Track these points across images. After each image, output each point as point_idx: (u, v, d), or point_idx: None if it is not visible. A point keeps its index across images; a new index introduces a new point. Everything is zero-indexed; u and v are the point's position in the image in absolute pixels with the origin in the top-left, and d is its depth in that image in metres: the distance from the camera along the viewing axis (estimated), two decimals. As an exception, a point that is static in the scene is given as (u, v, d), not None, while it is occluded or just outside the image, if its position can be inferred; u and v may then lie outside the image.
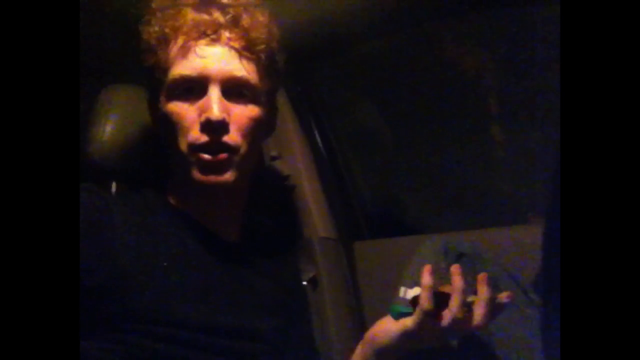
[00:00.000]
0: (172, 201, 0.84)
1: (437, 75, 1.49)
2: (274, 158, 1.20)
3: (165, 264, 0.75)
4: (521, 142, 1.47)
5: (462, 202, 1.47)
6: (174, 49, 0.77)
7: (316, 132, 1.31)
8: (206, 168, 0.76)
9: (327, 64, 1.34)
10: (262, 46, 0.79)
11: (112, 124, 0.92)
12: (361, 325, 1.18)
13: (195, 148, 0.76)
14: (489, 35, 1.39)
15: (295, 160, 1.21)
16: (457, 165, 1.48)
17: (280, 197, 1.17)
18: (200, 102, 0.76)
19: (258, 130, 0.81)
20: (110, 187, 0.95)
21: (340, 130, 1.39)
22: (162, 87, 0.79)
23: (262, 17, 0.80)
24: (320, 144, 1.31)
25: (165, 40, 0.78)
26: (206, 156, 0.75)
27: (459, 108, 1.47)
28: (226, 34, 0.77)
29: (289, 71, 0.89)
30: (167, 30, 0.77)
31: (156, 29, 0.78)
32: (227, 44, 0.77)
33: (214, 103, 0.75)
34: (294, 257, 1.06)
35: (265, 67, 0.80)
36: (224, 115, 0.75)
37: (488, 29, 1.36)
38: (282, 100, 1.16)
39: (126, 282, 0.72)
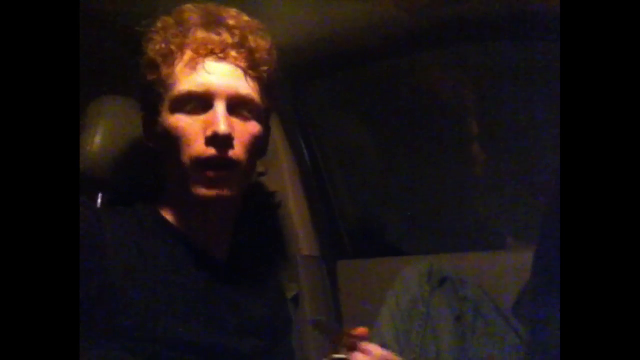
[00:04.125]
0: (164, 216, 0.84)
1: (424, 99, 1.51)
2: (260, 174, 1.21)
3: (153, 280, 0.75)
4: (504, 166, 1.50)
5: (445, 224, 1.48)
6: (180, 64, 0.78)
7: (304, 150, 1.32)
8: (208, 183, 0.77)
9: (317, 83, 1.36)
10: (266, 67, 0.82)
11: (101, 136, 0.92)
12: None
13: (200, 162, 0.76)
14: (475, 62, 1.41)
15: (281, 176, 1.22)
16: (442, 187, 1.49)
17: (266, 214, 1.17)
18: (206, 117, 0.77)
19: (257, 148, 0.83)
20: (97, 198, 0.95)
21: (327, 149, 1.40)
22: (163, 101, 0.79)
23: (265, 41, 0.82)
24: (308, 162, 1.32)
25: (171, 57, 0.79)
26: (210, 173, 0.76)
27: (445, 132, 1.50)
28: (233, 54, 0.79)
29: (282, 89, 0.91)
30: (173, 47, 0.78)
31: (162, 45, 0.79)
32: (233, 63, 0.79)
33: (221, 118, 0.76)
34: (279, 275, 1.06)
35: (266, 87, 0.83)
36: (230, 130, 0.76)
37: (474, 57, 1.39)
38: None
39: (114, 297, 0.71)
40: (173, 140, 0.78)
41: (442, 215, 1.49)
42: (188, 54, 0.78)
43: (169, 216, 0.84)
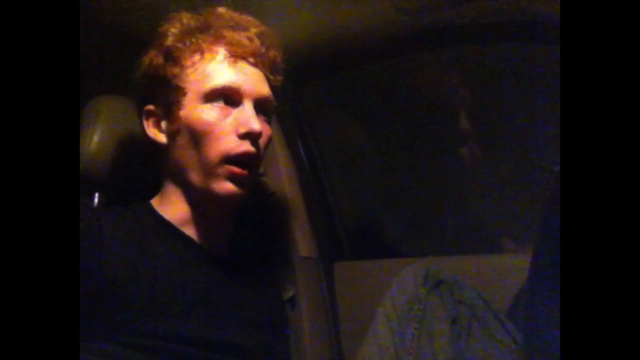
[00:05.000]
0: (162, 215, 0.85)
1: (422, 100, 1.51)
2: (259, 175, 1.21)
3: (154, 276, 0.76)
4: (502, 168, 1.50)
5: (442, 226, 1.48)
6: (212, 63, 0.81)
7: (302, 151, 1.32)
8: (232, 180, 0.79)
9: (315, 83, 1.36)
10: (280, 77, 0.88)
11: (98, 135, 0.92)
12: (337, 346, 1.19)
13: (229, 158, 0.79)
14: (474, 64, 1.42)
15: (279, 177, 1.22)
16: (440, 189, 1.49)
17: (263, 215, 1.17)
18: (235, 114, 0.80)
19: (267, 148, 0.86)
20: (93, 198, 0.95)
21: (325, 150, 1.40)
22: (184, 95, 0.81)
23: (280, 52, 0.88)
24: (306, 163, 1.32)
25: (198, 53, 0.81)
26: (236, 169, 0.79)
27: (443, 133, 1.50)
28: (259, 60, 0.84)
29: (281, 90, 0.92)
30: (204, 44, 0.81)
31: (192, 40, 0.81)
32: (259, 67, 0.84)
33: (253, 116, 0.80)
34: (276, 274, 1.06)
35: (276, 94, 0.88)
36: (261, 128, 0.80)
37: (473, 58, 1.39)
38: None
39: (114, 294, 0.72)
40: (199, 134, 0.79)
41: (440, 217, 1.49)
42: (221, 52, 0.81)
43: (167, 215, 0.84)
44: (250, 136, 0.79)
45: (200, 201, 0.83)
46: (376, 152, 1.59)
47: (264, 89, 0.83)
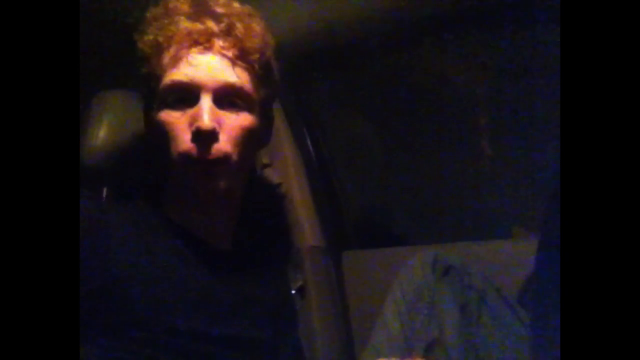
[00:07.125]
0: (165, 211, 0.84)
1: (428, 88, 1.51)
2: (265, 165, 1.21)
3: (157, 272, 0.76)
4: (509, 156, 1.49)
5: (450, 214, 1.48)
6: (167, 57, 0.76)
7: (308, 141, 1.32)
8: (199, 177, 0.76)
9: (323, 74, 1.35)
10: (257, 55, 0.79)
11: (105, 129, 0.92)
12: (348, 335, 1.19)
13: (187, 158, 0.75)
14: (484, 52, 1.41)
15: (286, 168, 1.22)
16: (447, 177, 1.49)
17: (270, 205, 1.18)
18: (192, 111, 0.75)
19: (251, 140, 0.80)
20: (102, 192, 0.95)
21: (331, 140, 1.40)
22: (154, 95, 0.78)
23: (257, 27, 0.79)
24: (312, 153, 1.32)
25: (159, 49, 0.77)
26: (199, 167, 0.75)
27: (450, 121, 1.49)
28: (219, 43, 0.76)
29: (283, 80, 0.90)
30: (160, 39, 0.76)
31: (150, 37, 0.77)
32: (219, 53, 0.76)
33: (205, 112, 0.74)
34: (284, 265, 1.06)
35: (260, 76, 0.80)
36: (214, 124, 0.74)
37: (483, 46, 1.38)
38: (275, 107, 1.16)
39: (120, 289, 0.72)
40: (163, 135, 0.76)
41: (447, 205, 1.49)
42: (174, 46, 0.76)
43: (170, 211, 0.84)
44: (200, 134, 0.73)
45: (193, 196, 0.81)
46: (383, 140, 1.59)
47: (226, 77, 0.76)
